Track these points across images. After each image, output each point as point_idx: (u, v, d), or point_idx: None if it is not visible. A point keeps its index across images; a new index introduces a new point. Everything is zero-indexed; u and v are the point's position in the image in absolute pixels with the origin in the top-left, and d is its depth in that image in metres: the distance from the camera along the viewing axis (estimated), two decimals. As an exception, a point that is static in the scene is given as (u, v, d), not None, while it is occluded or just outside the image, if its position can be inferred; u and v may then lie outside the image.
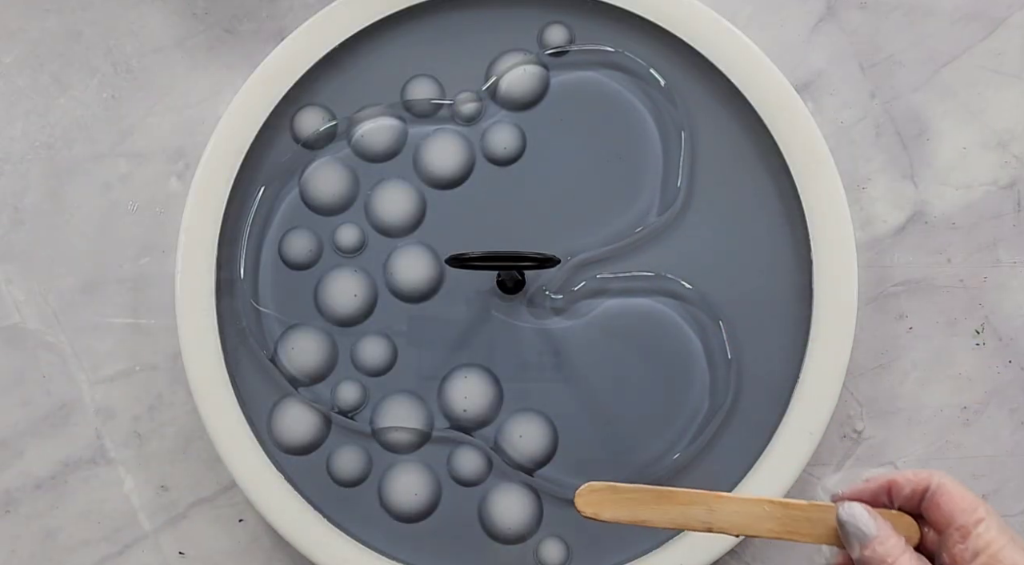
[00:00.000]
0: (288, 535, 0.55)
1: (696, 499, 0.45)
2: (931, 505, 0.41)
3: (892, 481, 0.42)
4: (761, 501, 0.44)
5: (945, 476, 0.41)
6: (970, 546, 0.39)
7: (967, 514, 0.40)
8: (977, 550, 0.39)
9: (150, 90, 0.61)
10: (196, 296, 0.56)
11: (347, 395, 0.56)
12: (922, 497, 0.41)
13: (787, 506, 0.44)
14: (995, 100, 0.61)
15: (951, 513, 0.40)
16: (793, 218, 0.56)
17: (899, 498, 0.42)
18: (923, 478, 0.41)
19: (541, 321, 0.56)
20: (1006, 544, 0.39)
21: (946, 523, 0.40)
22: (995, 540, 0.39)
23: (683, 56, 0.57)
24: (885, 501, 0.42)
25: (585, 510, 0.45)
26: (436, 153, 0.57)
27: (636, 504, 0.45)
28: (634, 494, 0.45)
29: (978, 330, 0.60)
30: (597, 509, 0.45)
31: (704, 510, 0.44)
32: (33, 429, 0.60)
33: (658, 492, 0.45)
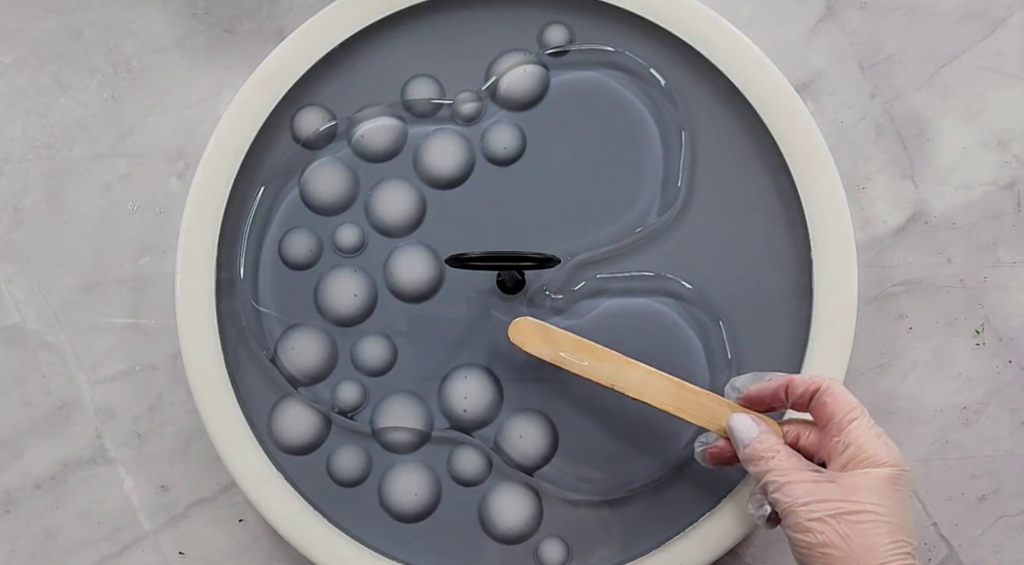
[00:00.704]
0: (288, 535, 0.55)
1: (609, 357, 0.52)
2: (817, 404, 0.47)
3: (789, 380, 0.48)
4: (663, 376, 0.51)
5: (834, 381, 0.48)
6: (842, 439, 0.46)
7: (844, 413, 0.46)
8: (848, 443, 0.45)
9: (150, 90, 0.62)
10: (196, 296, 0.56)
11: (347, 395, 0.56)
12: (811, 398, 0.48)
13: (683, 387, 0.51)
14: (995, 100, 0.61)
15: (832, 412, 0.46)
16: (793, 218, 0.56)
17: (793, 396, 0.48)
18: (815, 381, 0.48)
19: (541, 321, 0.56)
20: (871, 439, 0.45)
21: (827, 420, 0.47)
22: (863, 435, 0.45)
23: (683, 56, 0.57)
24: (782, 397, 0.49)
25: (514, 337, 0.52)
26: (436, 153, 0.57)
27: (558, 345, 0.52)
28: (559, 337, 0.52)
29: (978, 330, 0.60)
30: (524, 339, 0.52)
31: (613, 368, 0.51)
32: (33, 429, 0.60)
33: (579, 341, 0.52)
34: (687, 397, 0.51)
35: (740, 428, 0.49)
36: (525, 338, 0.52)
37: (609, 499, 0.55)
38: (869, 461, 0.45)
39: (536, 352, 0.52)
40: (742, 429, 0.48)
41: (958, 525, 0.59)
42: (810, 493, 0.45)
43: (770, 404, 0.50)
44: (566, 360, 0.52)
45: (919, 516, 0.59)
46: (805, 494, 0.45)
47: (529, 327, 0.53)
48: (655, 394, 0.51)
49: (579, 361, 0.52)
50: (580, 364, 0.52)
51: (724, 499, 0.55)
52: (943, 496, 0.59)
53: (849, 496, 0.44)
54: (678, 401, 0.51)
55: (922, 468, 0.59)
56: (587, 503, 0.55)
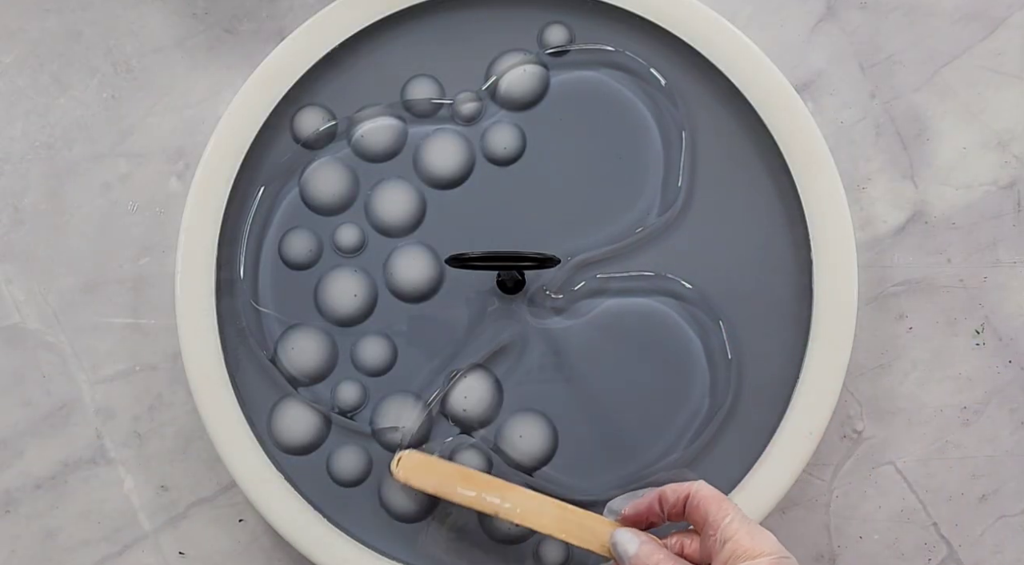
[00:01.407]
0: (288, 535, 0.55)
1: (493, 486, 0.52)
2: (691, 509, 0.48)
3: (661, 493, 0.49)
4: (546, 500, 0.51)
5: (704, 485, 0.48)
6: (718, 537, 0.46)
7: (716, 512, 0.47)
8: (725, 538, 0.46)
9: (150, 90, 0.62)
10: (196, 296, 0.56)
11: (347, 395, 0.56)
12: (684, 503, 0.48)
13: (566, 510, 0.51)
14: (995, 100, 0.61)
15: (706, 513, 0.47)
16: (793, 218, 0.56)
17: (667, 506, 0.49)
18: (685, 488, 0.48)
19: (541, 321, 0.56)
20: (748, 532, 0.46)
21: (703, 522, 0.47)
22: (738, 529, 0.46)
23: (683, 56, 0.57)
24: (658, 511, 0.49)
25: (398, 475, 0.52)
26: (436, 153, 0.57)
27: (443, 478, 0.52)
28: (444, 469, 0.52)
29: (978, 330, 0.60)
30: (409, 476, 0.52)
31: (497, 497, 0.51)
32: (33, 429, 0.60)
33: (464, 473, 0.52)
34: (570, 520, 0.51)
35: (622, 542, 0.48)
36: (411, 475, 0.52)
37: (609, 499, 0.55)
38: (747, 553, 0.45)
39: (421, 487, 0.52)
40: (624, 543, 0.48)
41: (958, 525, 0.59)
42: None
43: (648, 519, 0.50)
44: (449, 492, 0.52)
45: (919, 516, 0.59)
46: None
47: (414, 462, 0.53)
48: (539, 519, 0.51)
49: (464, 492, 0.52)
50: (465, 495, 0.52)
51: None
52: (943, 496, 0.59)
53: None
54: (561, 524, 0.51)
55: (922, 468, 0.59)
56: (587, 503, 0.55)
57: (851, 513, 0.59)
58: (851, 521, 0.59)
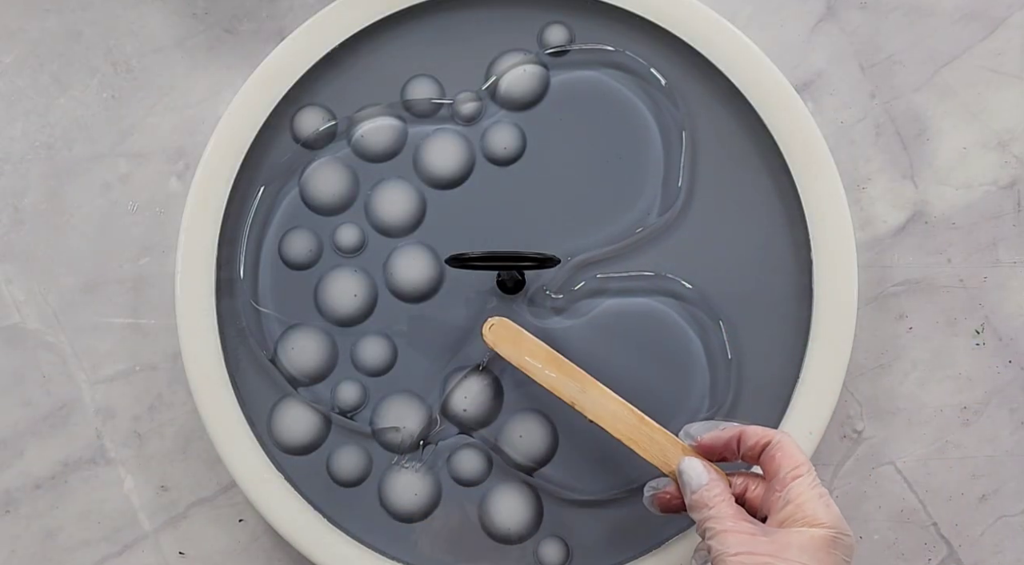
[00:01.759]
0: (288, 535, 0.55)
1: (577, 376, 0.51)
2: (767, 458, 0.47)
3: (742, 431, 0.48)
4: (625, 405, 0.51)
5: (786, 435, 0.47)
6: (784, 496, 0.45)
7: (789, 469, 0.46)
8: (788, 499, 0.45)
9: (150, 90, 0.62)
10: (196, 296, 0.56)
11: (347, 395, 0.56)
12: (762, 450, 0.47)
13: (642, 420, 0.50)
14: (995, 100, 0.61)
15: (779, 466, 0.46)
16: (793, 218, 0.56)
17: (744, 447, 0.48)
18: (768, 434, 0.47)
19: (541, 321, 0.56)
20: (812, 498, 0.45)
21: (773, 475, 0.46)
22: (804, 493, 0.45)
23: (683, 56, 0.57)
24: (734, 448, 0.48)
25: (487, 337, 0.52)
26: (436, 153, 0.57)
27: (530, 353, 0.52)
28: (533, 346, 0.52)
29: (978, 330, 0.60)
30: (498, 341, 0.52)
31: (577, 387, 0.51)
32: (33, 429, 0.60)
33: (552, 354, 0.52)
34: (643, 431, 0.50)
35: (690, 473, 0.48)
36: (499, 341, 0.52)
37: (609, 499, 0.55)
38: (806, 520, 0.44)
39: (506, 355, 0.52)
40: (692, 474, 0.48)
41: (958, 525, 0.59)
42: (742, 544, 0.44)
43: (722, 454, 0.49)
44: (532, 368, 0.52)
45: (919, 516, 0.59)
46: (737, 545, 0.44)
47: (505, 330, 0.52)
48: (612, 421, 0.51)
49: (546, 372, 0.51)
50: (547, 375, 0.51)
51: (724, 499, 0.55)
52: (943, 496, 0.59)
53: (780, 553, 0.44)
54: (633, 433, 0.50)
55: (922, 468, 0.59)
56: (587, 503, 0.55)
57: (851, 513, 0.59)
58: (851, 521, 0.59)
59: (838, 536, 0.44)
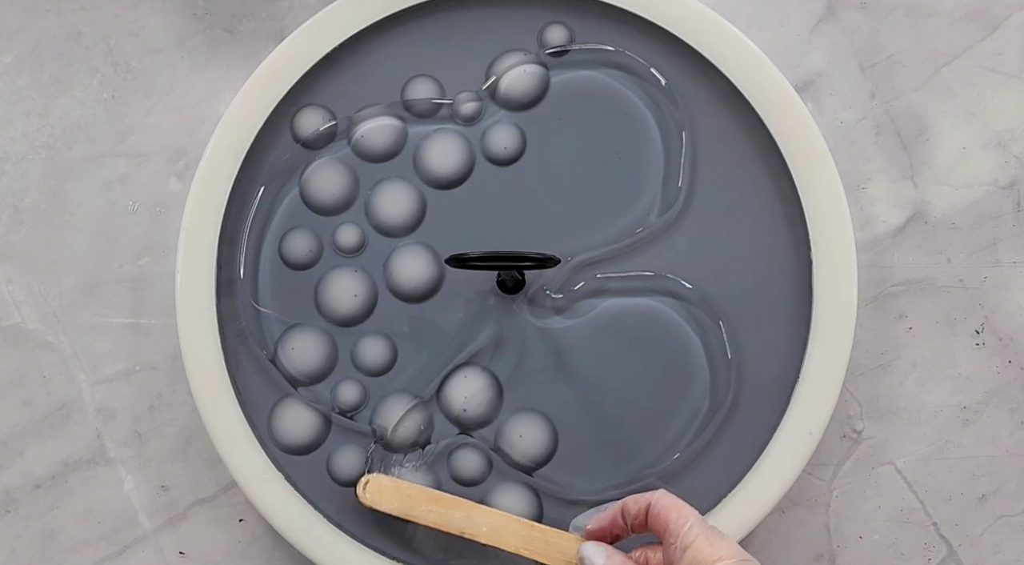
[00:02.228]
0: (288, 535, 0.55)
1: (458, 506, 0.52)
2: (653, 518, 0.48)
3: (623, 505, 0.50)
4: (511, 518, 0.52)
5: (665, 494, 0.49)
6: (680, 543, 0.46)
7: (676, 520, 0.47)
8: (685, 545, 0.46)
9: (150, 90, 0.62)
10: (196, 296, 0.56)
11: (347, 395, 0.56)
12: (646, 514, 0.49)
13: (532, 528, 0.51)
14: (995, 100, 0.61)
15: (667, 520, 0.47)
16: (793, 218, 0.56)
17: (630, 518, 0.49)
18: (645, 498, 0.49)
19: (541, 321, 0.56)
20: (704, 537, 0.46)
21: (663, 531, 0.48)
22: (697, 536, 0.46)
23: (683, 56, 0.57)
24: (622, 523, 0.50)
25: (364, 499, 0.53)
26: (436, 153, 0.57)
27: (410, 501, 0.52)
28: (410, 491, 0.53)
29: (978, 330, 0.60)
30: (376, 499, 0.52)
31: (463, 516, 0.52)
32: (33, 429, 0.60)
33: (429, 493, 0.53)
34: (536, 538, 0.51)
35: (589, 556, 0.49)
36: (378, 498, 0.53)
37: (609, 499, 0.55)
38: (708, 559, 0.45)
39: (389, 510, 0.52)
40: (591, 556, 0.49)
41: (958, 525, 0.59)
42: None
43: (613, 532, 0.50)
44: (417, 513, 0.52)
45: (919, 516, 0.59)
46: None
47: (379, 486, 0.53)
48: (505, 537, 0.51)
49: (430, 511, 0.52)
50: (431, 515, 0.52)
51: (723, 499, 0.55)
52: (943, 496, 0.59)
53: None
54: (527, 542, 0.51)
55: (922, 468, 0.59)
56: (587, 503, 0.55)
57: (851, 513, 0.59)
58: (851, 521, 0.59)
59: (740, 563, 0.45)
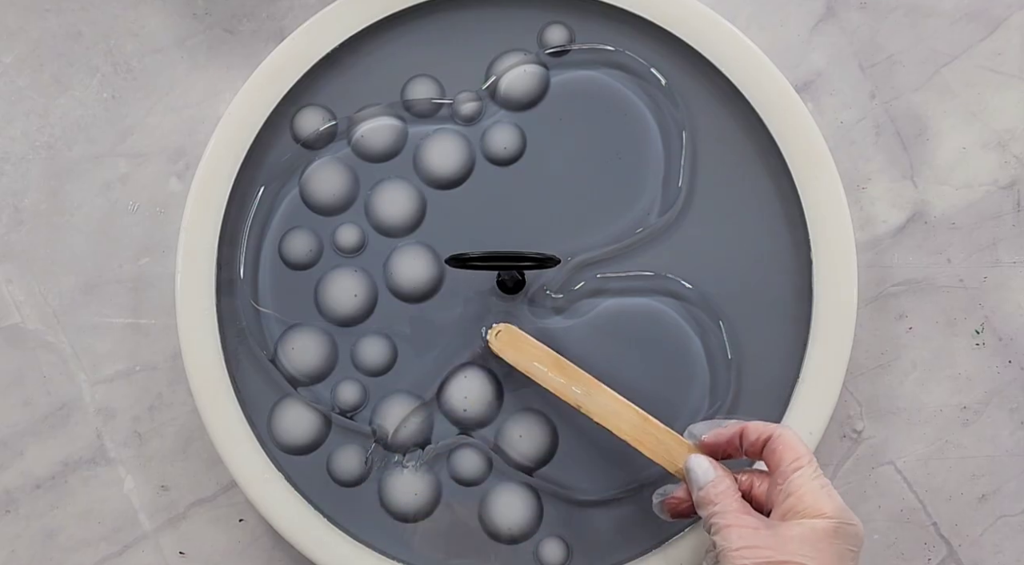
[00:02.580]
0: (288, 535, 0.55)
1: (582, 380, 0.52)
2: (769, 452, 0.47)
3: (744, 428, 0.48)
4: (629, 406, 0.51)
5: (787, 429, 0.47)
6: (785, 488, 0.45)
7: (790, 462, 0.46)
8: (790, 492, 0.45)
9: (150, 90, 0.62)
10: (196, 296, 0.56)
11: (347, 395, 0.56)
12: (764, 445, 0.47)
13: (647, 420, 0.51)
14: (995, 100, 0.61)
15: (781, 459, 0.46)
16: (793, 218, 0.56)
17: (747, 443, 0.48)
18: (769, 428, 0.48)
19: (542, 320, 0.56)
20: (813, 490, 0.45)
21: (775, 468, 0.46)
22: (804, 484, 0.45)
23: (683, 57, 0.57)
24: (737, 444, 0.49)
25: (494, 344, 0.53)
26: (436, 153, 0.57)
27: (533, 358, 0.52)
28: (537, 351, 0.53)
29: (978, 330, 0.60)
30: (504, 348, 0.53)
31: (583, 390, 0.52)
32: (33, 429, 0.60)
33: (556, 359, 0.52)
34: (649, 431, 0.51)
35: (697, 471, 0.48)
36: (505, 347, 0.53)
37: (609, 499, 0.55)
38: (807, 512, 0.44)
39: (512, 361, 0.53)
40: (698, 471, 0.48)
41: (958, 525, 0.59)
42: (744, 539, 0.45)
43: (726, 451, 0.49)
44: (539, 373, 0.52)
45: (919, 516, 0.59)
46: (739, 540, 0.45)
47: (511, 336, 0.53)
48: (618, 423, 0.51)
49: (552, 377, 0.52)
50: (552, 380, 0.52)
51: (724, 499, 0.55)
52: (943, 496, 0.59)
53: (781, 546, 0.44)
54: (639, 433, 0.51)
55: (922, 468, 0.59)
56: (587, 503, 0.55)
57: (851, 513, 0.59)
58: (851, 521, 0.59)
59: (840, 525, 0.44)
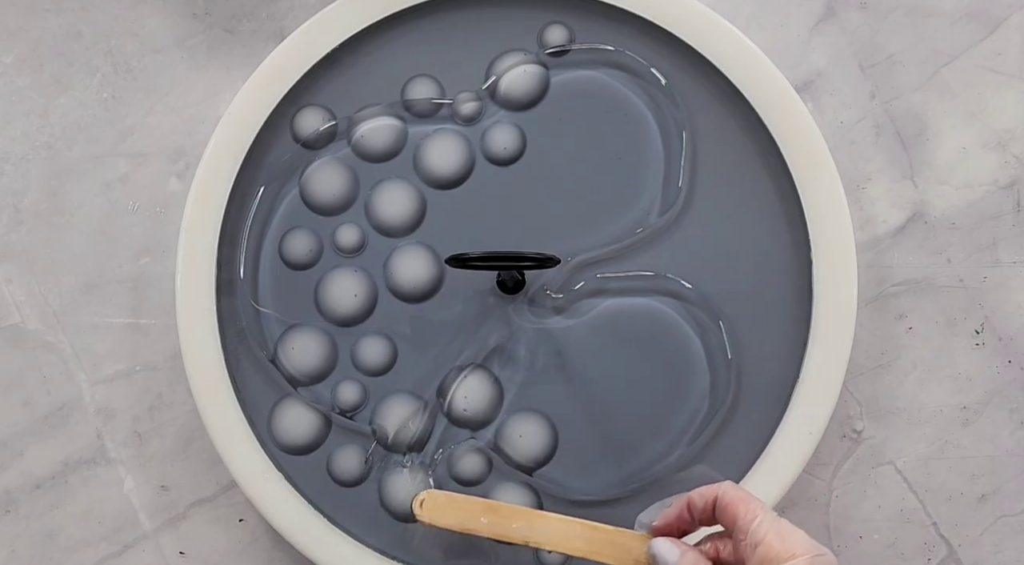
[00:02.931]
0: (288, 535, 0.55)
1: (518, 515, 0.51)
2: (720, 511, 0.46)
3: (689, 499, 0.47)
4: (574, 522, 0.50)
5: (731, 486, 0.46)
6: (749, 541, 0.44)
7: (744, 514, 0.45)
8: (755, 542, 0.44)
9: (150, 90, 0.62)
10: (196, 296, 0.56)
11: (347, 395, 0.56)
12: (714, 507, 0.46)
13: (596, 529, 0.50)
14: (995, 100, 0.61)
15: (735, 515, 0.45)
16: (793, 218, 0.56)
17: (696, 512, 0.47)
18: (712, 491, 0.47)
19: (541, 320, 0.56)
20: (775, 532, 0.44)
21: (732, 525, 0.46)
22: (767, 531, 0.44)
23: (683, 57, 0.57)
24: (688, 518, 0.47)
25: (423, 517, 0.51)
26: (436, 153, 0.57)
27: (468, 514, 0.51)
28: (467, 505, 0.51)
29: (978, 330, 0.60)
30: (434, 516, 0.51)
31: (524, 525, 0.50)
32: (33, 429, 0.60)
33: (487, 505, 0.51)
34: (602, 539, 0.49)
35: (662, 554, 0.47)
36: (435, 515, 0.51)
37: (609, 499, 0.55)
38: (781, 556, 0.44)
39: (447, 525, 0.51)
40: (664, 555, 0.47)
41: (958, 525, 0.59)
42: None
43: (680, 528, 0.48)
44: (476, 526, 0.51)
45: (919, 516, 0.59)
46: None
47: (435, 502, 0.52)
48: (571, 542, 0.50)
49: (490, 524, 0.51)
50: (492, 527, 0.51)
51: (724, 499, 0.55)
52: (943, 496, 0.59)
53: None
54: (594, 545, 0.50)
55: (922, 468, 0.59)
56: (587, 503, 0.55)
57: (851, 513, 0.59)
58: (851, 521, 0.59)
59: (814, 559, 0.44)
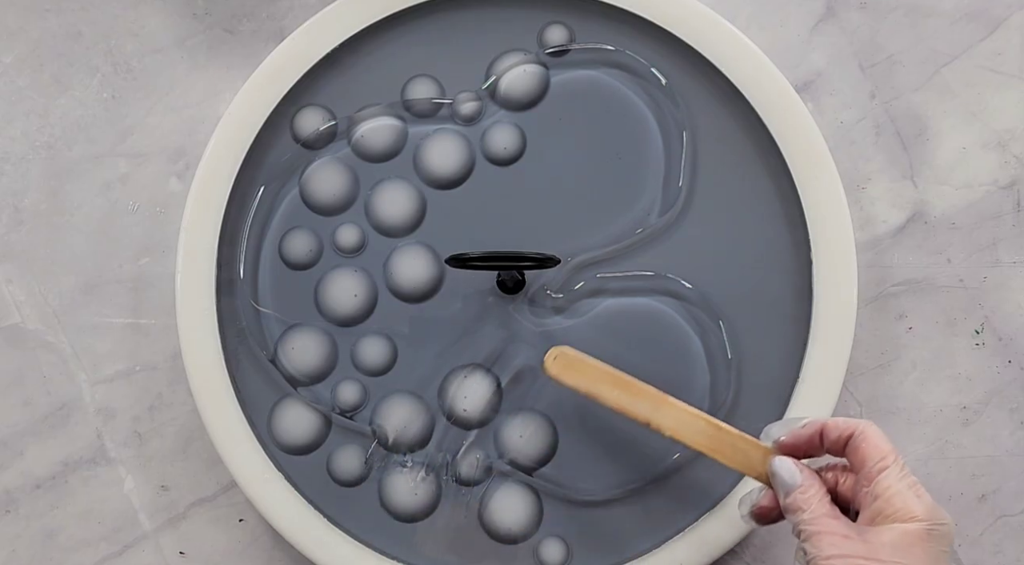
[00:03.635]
0: (288, 535, 0.55)
1: (646, 395, 0.49)
2: (851, 450, 0.45)
3: (824, 426, 0.46)
4: (700, 416, 0.49)
5: (871, 425, 0.45)
6: (871, 491, 0.43)
7: (875, 461, 0.44)
8: (876, 494, 0.43)
9: (150, 90, 0.62)
10: (196, 296, 0.56)
11: (347, 395, 0.56)
12: (847, 442, 0.45)
13: (720, 428, 0.49)
14: (995, 100, 0.61)
15: (864, 459, 0.44)
16: (793, 218, 0.56)
17: (827, 441, 0.46)
18: (850, 425, 0.45)
19: (541, 320, 0.56)
20: (900, 491, 0.43)
21: (859, 467, 0.44)
22: (892, 486, 0.43)
23: (683, 57, 0.57)
24: (817, 444, 0.46)
25: (551, 370, 0.50)
26: (436, 153, 0.57)
27: (595, 379, 0.50)
28: (597, 370, 0.50)
29: (978, 330, 0.60)
30: (561, 372, 0.50)
31: (650, 406, 0.49)
32: (33, 429, 0.60)
33: (617, 376, 0.50)
34: (724, 440, 0.48)
35: (782, 474, 0.46)
36: (563, 372, 0.50)
37: (609, 499, 0.55)
38: (897, 515, 0.42)
39: (573, 385, 0.50)
40: (784, 476, 0.46)
41: (958, 525, 0.59)
42: (835, 546, 0.43)
43: (806, 451, 0.47)
44: (603, 394, 0.50)
45: (919, 516, 0.59)
46: (830, 547, 0.43)
47: (567, 359, 0.50)
48: (692, 435, 0.49)
49: (617, 396, 0.50)
50: (618, 399, 0.50)
51: (723, 499, 0.55)
52: (943, 496, 0.59)
53: (873, 554, 0.42)
54: (714, 443, 0.48)
55: (922, 468, 0.59)
56: (587, 503, 0.55)
57: (851, 513, 0.59)
58: (851, 521, 0.59)
59: (932, 528, 0.42)
